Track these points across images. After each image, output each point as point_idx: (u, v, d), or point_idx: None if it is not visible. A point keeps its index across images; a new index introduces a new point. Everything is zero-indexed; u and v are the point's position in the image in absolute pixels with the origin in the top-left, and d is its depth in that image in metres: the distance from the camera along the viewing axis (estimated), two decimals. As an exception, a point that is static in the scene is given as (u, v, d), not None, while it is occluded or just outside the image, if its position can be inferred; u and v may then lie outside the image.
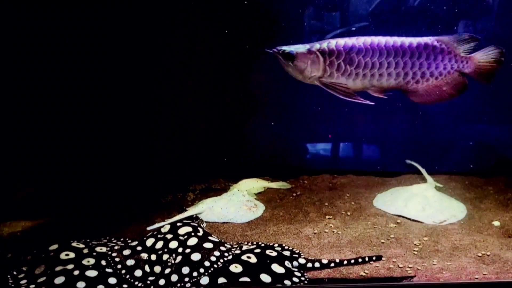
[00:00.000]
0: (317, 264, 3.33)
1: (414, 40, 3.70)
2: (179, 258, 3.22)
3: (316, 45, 3.65)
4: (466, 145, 5.21)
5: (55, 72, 4.44)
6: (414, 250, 3.57)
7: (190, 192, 4.75)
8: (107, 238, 3.68)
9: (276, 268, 3.21)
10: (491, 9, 4.82)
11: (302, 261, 3.35)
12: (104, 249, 3.34)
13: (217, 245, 3.36)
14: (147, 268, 3.20)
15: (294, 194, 4.70)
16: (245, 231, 3.92)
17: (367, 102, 3.72)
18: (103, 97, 4.66)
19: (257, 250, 3.39)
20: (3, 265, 3.26)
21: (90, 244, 3.44)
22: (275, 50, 3.62)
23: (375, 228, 3.93)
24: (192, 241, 3.35)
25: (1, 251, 3.43)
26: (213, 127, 5.12)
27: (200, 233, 3.47)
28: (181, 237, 3.38)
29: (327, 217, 4.17)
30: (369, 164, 5.33)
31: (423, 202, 4.15)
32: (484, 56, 3.79)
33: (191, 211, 4.03)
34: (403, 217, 4.11)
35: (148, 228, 3.61)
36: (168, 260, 3.21)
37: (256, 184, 4.78)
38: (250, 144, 5.27)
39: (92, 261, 3.18)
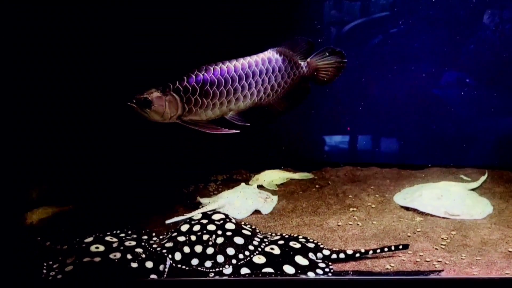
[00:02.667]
0: (341, 255, 3.27)
1: (258, 58, 3.85)
2: (220, 239, 3.23)
3: (169, 85, 3.65)
4: (495, 138, 5.07)
5: (72, 69, 4.41)
6: (442, 244, 3.47)
7: (212, 183, 4.72)
8: (142, 231, 3.69)
9: (300, 259, 3.15)
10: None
11: (326, 252, 3.29)
12: (133, 243, 3.34)
13: (253, 232, 3.40)
14: (186, 250, 3.20)
15: (317, 186, 4.63)
16: (268, 222, 3.87)
17: (233, 131, 3.81)
18: (124, 87, 4.63)
19: (281, 242, 3.34)
20: (40, 252, 3.31)
21: (124, 238, 3.45)
22: (129, 103, 3.58)
23: (401, 221, 3.85)
24: (230, 225, 3.37)
25: (39, 239, 3.47)
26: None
27: (234, 221, 3.49)
28: (217, 222, 3.39)
29: (351, 209, 4.10)
30: (394, 156, 5.22)
31: (439, 194, 4.05)
32: (320, 59, 4.00)
33: (210, 206, 3.97)
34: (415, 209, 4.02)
35: (167, 222, 3.62)
36: (210, 239, 3.22)
37: (279, 175, 4.72)
38: (273, 135, 5.20)
39: (118, 255, 3.18)
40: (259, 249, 3.20)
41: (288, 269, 3.07)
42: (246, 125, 3.88)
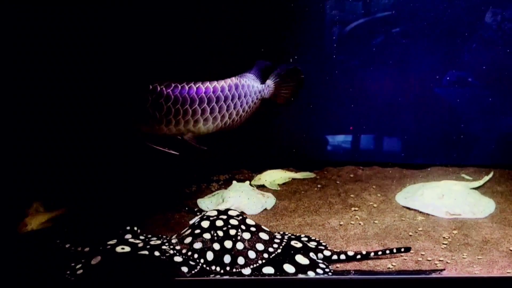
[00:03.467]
0: (342, 256, 3.27)
1: (225, 84, 3.88)
2: (247, 234, 3.17)
3: None
4: (497, 137, 5.07)
5: (70, 70, 4.41)
6: (443, 243, 3.48)
7: (214, 183, 4.73)
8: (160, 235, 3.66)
9: (300, 259, 3.16)
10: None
11: (327, 253, 3.28)
12: (158, 242, 3.33)
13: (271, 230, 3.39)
14: (216, 246, 3.08)
15: (319, 186, 4.64)
16: (270, 221, 3.88)
17: (172, 152, 3.86)
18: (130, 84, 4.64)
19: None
20: (60, 256, 3.29)
21: (146, 239, 3.44)
22: None
23: (402, 220, 3.85)
24: (250, 221, 3.32)
25: (58, 241, 3.45)
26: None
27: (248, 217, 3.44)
28: (236, 217, 3.29)
29: (353, 208, 4.11)
30: (396, 156, 5.22)
31: (441, 193, 4.05)
32: (275, 78, 4.11)
33: (221, 207, 3.95)
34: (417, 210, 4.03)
35: (191, 222, 3.54)
36: (238, 233, 3.14)
37: (281, 175, 4.73)
38: (274, 135, 5.22)
39: (146, 253, 3.17)
40: (283, 243, 3.20)
41: (288, 268, 3.08)
42: (203, 149, 3.95)
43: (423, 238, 3.56)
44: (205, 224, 3.24)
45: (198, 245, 3.12)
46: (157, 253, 3.14)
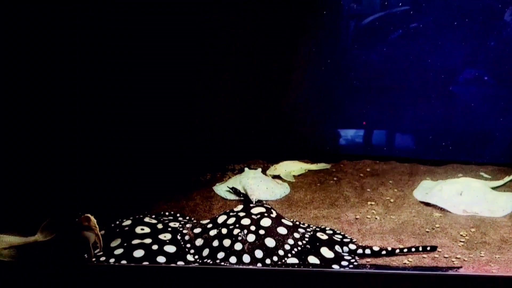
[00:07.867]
0: (368, 251, 3.23)
1: None
2: (251, 237, 3.10)
3: None
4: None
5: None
6: (461, 241, 3.43)
7: (229, 172, 4.72)
8: (177, 214, 3.70)
9: (325, 252, 3.14)
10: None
11: (352, 246, 3.26)
12: (177, 225, 3.34)
13: (290, 230, 3.25)
14: (215, 243, 3.10)
15: (335, 178, 4.60)
16: (286, 213, 3.86)
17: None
18: (148, 78, 4.65)
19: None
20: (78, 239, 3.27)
21: (162, 219, 3.44)
22: None
23: (419, 216, 3.81)
24: (266, 222, 3.21)
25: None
26: (254, 110, 5.07)
27: (274, 215, 3.34)
28: (253, 216, 3.25)
29: (369, 203, 4.07)
30: (414, 151, 5.17)
31: (460, 190, 3.98)
32: None
33: (254, 196, 3.97)
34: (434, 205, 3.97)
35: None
36: (239, 234, 3.10)
37: (297, 166, 4.71)
38: (291, 127, 5.19)
39: (168, 236, 3.19)
40: (288, 255, 3.08)
41: (313, 260, 3.06)
42: None
43: (440, 235, 3.51)
44: (220, 219, 3.30)
45: (199, 242, 3.17)
46: (179, 237, 3.17)
